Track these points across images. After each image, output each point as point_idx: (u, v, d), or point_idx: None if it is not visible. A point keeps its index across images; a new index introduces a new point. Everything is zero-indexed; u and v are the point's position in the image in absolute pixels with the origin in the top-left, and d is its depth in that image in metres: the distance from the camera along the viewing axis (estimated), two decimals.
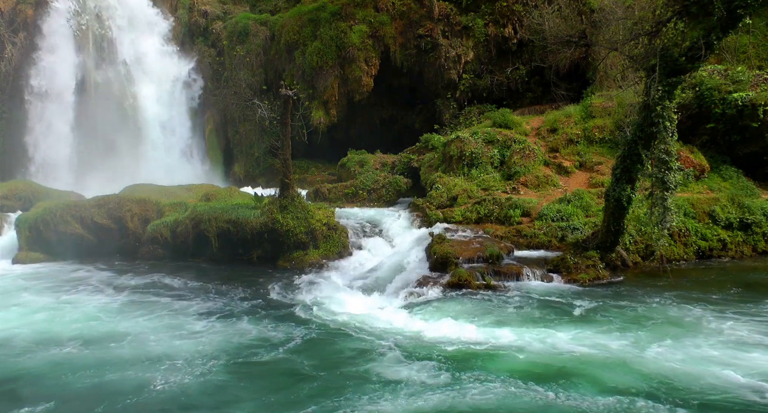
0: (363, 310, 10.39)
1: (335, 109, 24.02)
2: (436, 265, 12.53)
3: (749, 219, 14.42)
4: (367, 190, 19.46)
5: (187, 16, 26.87)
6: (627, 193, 11.81)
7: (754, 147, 16.53)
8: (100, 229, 15.68)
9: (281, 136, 15.05)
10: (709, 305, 10.14)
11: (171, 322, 9.86)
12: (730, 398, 6.67)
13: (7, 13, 24.46)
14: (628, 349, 8.16)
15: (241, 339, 8.93)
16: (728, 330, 8.85)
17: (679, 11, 10.67)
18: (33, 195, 18.90)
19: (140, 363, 8.02)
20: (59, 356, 8.35)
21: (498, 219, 15.15)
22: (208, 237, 14.78)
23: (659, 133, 11.10)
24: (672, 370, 7.44)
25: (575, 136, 18.17)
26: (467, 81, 23.63)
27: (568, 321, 9.50)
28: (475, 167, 17.61)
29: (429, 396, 6.86)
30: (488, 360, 7.89)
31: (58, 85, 23.86)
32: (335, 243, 14.69)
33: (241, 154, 25.62)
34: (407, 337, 8.90)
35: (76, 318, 10.16)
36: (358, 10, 23.79)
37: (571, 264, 12.31)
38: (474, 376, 7.34)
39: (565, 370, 7.50)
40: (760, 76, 17.08)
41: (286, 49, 24.74)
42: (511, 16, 23.20)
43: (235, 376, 7.57)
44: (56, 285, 12.75)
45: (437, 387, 7.10)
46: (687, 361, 7.71)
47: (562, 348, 8.27)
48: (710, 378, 7.18)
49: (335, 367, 7.78)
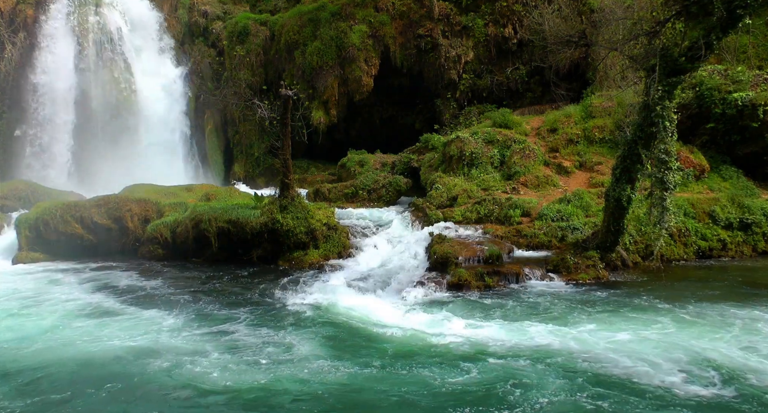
0: (363, 310, 10.38)
1: (335, 109, 24.02)
2: (436, 265, 12.53)
3: (749, 219, 14.42)
4: (367, 190, 19.46)
5: (187, 16, 26.88)
6: (627, 193, 11.81)
7: (754, 147, 16.53)
8: (100, 229, 15.68)
9: (281, 136, 15.04)
10: (709, 305, 10.14)
11: (170, 322, 9.85)
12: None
13: (7, 13, 24.46)
14: (628, 349, 8.17)
15: (240, 340, 8.92)
16: (729, 331, 8.85)
17: (678, 11, 10.67)
18: (33, 195, 18.90)
19: (140, 363, 8.02)
20: (59, 356, 8.35)
21: (498, 220, 15.15)
22: (208, 237, 14.79)
23: (659, 133, 11.10)
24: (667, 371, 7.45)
25: (575, 136, 18.17)
26: (467, 81, 23.64)
27: (568, 321, 9.49)
28: (475, 167, 17.61)
29: (428, 395, 6.86)
30: (488, 361, 7.89)
31: (58, 84, 23.86)
32: (335, 243, 14.69)
33: (241, 154, 25.62)
34: (407, 337, 8.90)
35: (71, 318, 10.16)
36: (358, 10, 23.80)
37: (571, 264, 12.32)
38: (474, 376, 7.34)
39: (565, 370, 7.51)
40: (760, 76, 17.08)
41: (286, 49, 24.74)
42: (511, 16, 23.21)
43: (234, 376, 7.57)
44: (55, 285, 12.75)
45: (436, 386, 7.10)
46: (687, 361, 7.72)
47: (562, 349, 8.27)
48: (713, 377, 7.19)
49: (335, 367, 7.78)
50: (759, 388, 6.89)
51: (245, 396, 6.98)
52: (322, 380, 7.39)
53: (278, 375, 7.55)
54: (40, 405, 6.82)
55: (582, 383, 7.10)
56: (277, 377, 7.51)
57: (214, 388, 7.21)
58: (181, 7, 26.95)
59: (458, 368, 7.64)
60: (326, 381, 7.35)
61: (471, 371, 7.52)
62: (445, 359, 7.98)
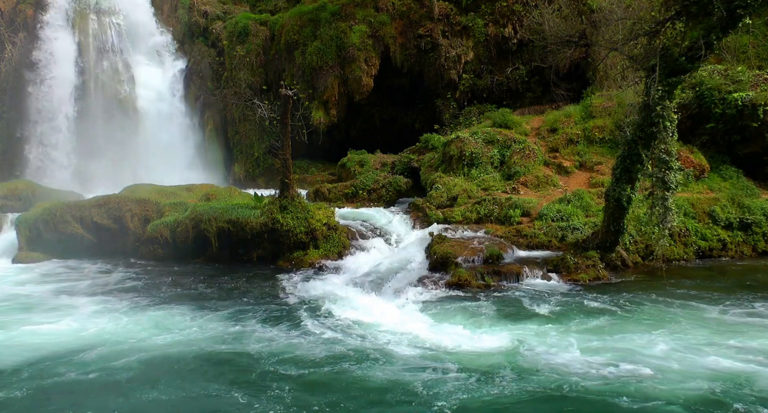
0: (363, 310, 10.38)
1: (335, 109, 24.01)
2: (436, 265, 12.53)
3: (749, 219, 14.41)
4: (367, 190, 19.46)
5: (186, 16, 26.86)
6: (627, 193, 11.81)
7: (754, 147, 16.52)
8: (100, 229, 15.68)
9: (281, 136, 15.04)
10: (709, 305, 10.14)
11: (168, 322, 9.85)
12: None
13: (7, 13, 24.46)
14: (628, 349, 8.16)
15: (240, 340, 8.92)
16: (729, 330, 8.85)
17: (678, 11, 10.67)
18: (33, 195, 18.88)
19: (139, 362, 8.02)
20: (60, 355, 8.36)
21: (498, 220, 15.14)
22: (208, 237, 14.78)
23: (659, 132, 11.10)
24: (671, 369, 7.44)
25: (575, 136, 18.17)
26: (467, 81, 23.63)
27: (568, 321, 9.49)
28: (475, 167, 17.61)
29: (426, 395, 6.86)
30: (486, 360, 7.89)
31: (58, 84, 23.84)
32: (335, 243, 14.68)
33: (241, 154, 25.62)
34: (406, 337, 8.89)
35: (71, 317, 10.16)
36: (358, 10, 23.79)
37: (571, 264, 12.32)
38: (473, 376, 7.34)
39: (565, 369, 7.50)
40: (760, 76, 17.08)
41: (286, 49, 24.74)
42: (511, 16, 23.20)
43: (233, 377, 7.57)
44: (55, 284, 12.74)
45: (435, 386, 7.10)
46: (688, 361, 7.71)
47: (562, 348, 8.27)
48: (712, 377, 7.18)
49: (334, 367, 7.78)
50: (760, 390, 6.89)
51: (242, 396, 6.98)
52: (320, 380, 7.39)
53: (277, 375, 7.55)
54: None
55: (582, 383, 7.11)
56: (277, 377, 7.51)
57: (211, 388, 7.22)
58: (181, 7, 26.93)
59: (458, 368, 7.64)
60: (324, 381, 7.35)
61: (470, 371, 7.53)
62: (445, 359, 7.97)
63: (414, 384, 7.15)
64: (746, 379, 7.12)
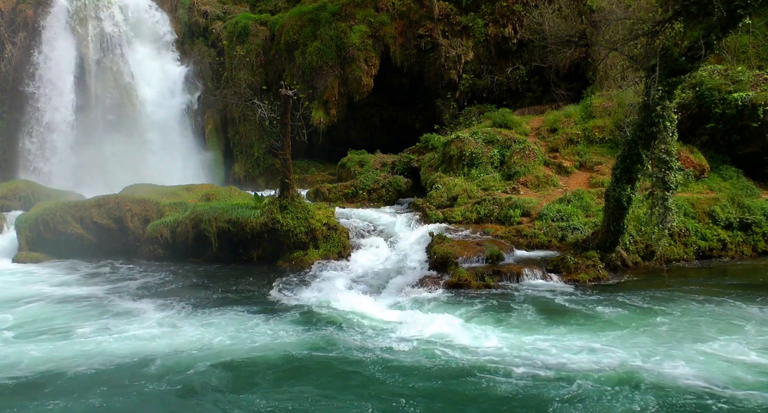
0: (363, 310, 10.38)
1: (335, 109, 24.01)
2: (436, 265, 12.53)
3: (749, 219, 14.41)
4: (367, 190, 19.46)
5: (186, 16, 26.86)
6: (627, 193, 11.81)
7: (754, 147, 16.52)
8: (100, 229, 15.67)
9: (281, 136, 15.03)
10: (709, 305, 10.14)
11: (168, 322, 9.85)
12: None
13: (7, 13, 24.46)
14: (629, 348, 8.16)
15: (239, 340, 8.93)
16: (730, 330, 8.85)
17: (678, 11, 10.67)
18: (33, 195, 18.88)
19: (139, 362, 8.02)
20: (59, 356, 8.36)
21: (498, 220, 15.14)
22: (208, 237, 14.78)
23: (659, 132, 11.10)
24: (672, 368, 7.44)
25: (575, 136, 18.17)
26: (467, 81, 23.63)
27: (568, 321, 9.49)
28: (475, 167, 17.61)
29: (424, 395, 6.86)
30: (486, 360, 7.89)
31: (58, 84, 23.83)
32: (335, 243, 14.68)
33: (241, 154, 25.62)
34: (406, 337, 8.89)
35: (70, 317, 10.17)
36: (358, 10, 23.79)
37: (571, 264, 12.31)
38: (472, 376, 7.34)
39: (565, 369, 7.51)
40: (760, 76, 17.08)
41: (286, 49, 24.74)
42: (511, 16, 23.20)
43: (233, 376, 7.57)
44: (54, 284, 12.75)
45: (434, 386, 7.10)
46: (688, 361, 7.71)
47: (562, 349, 8.27)
48: (713, 377, 7.19)
49: (334, 366, 7.78)
50: (759, 390, 6.90)
51: (241, 395, 6.99)
52: (317, 381, 7.40)
53: (277, 375, 7.56)
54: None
55: (583, 382, 7.11)
56: (276, 376, 7.52)
57: (210, 387, 7.22)
58: (181, 7, 26.92)
59: (456, 368, 7.64)
60: (321, 382, 7.36)
61: (468, 370, 7.53)
62: (444, 359, 7.98)
63: (413, 384, 7.15)
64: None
